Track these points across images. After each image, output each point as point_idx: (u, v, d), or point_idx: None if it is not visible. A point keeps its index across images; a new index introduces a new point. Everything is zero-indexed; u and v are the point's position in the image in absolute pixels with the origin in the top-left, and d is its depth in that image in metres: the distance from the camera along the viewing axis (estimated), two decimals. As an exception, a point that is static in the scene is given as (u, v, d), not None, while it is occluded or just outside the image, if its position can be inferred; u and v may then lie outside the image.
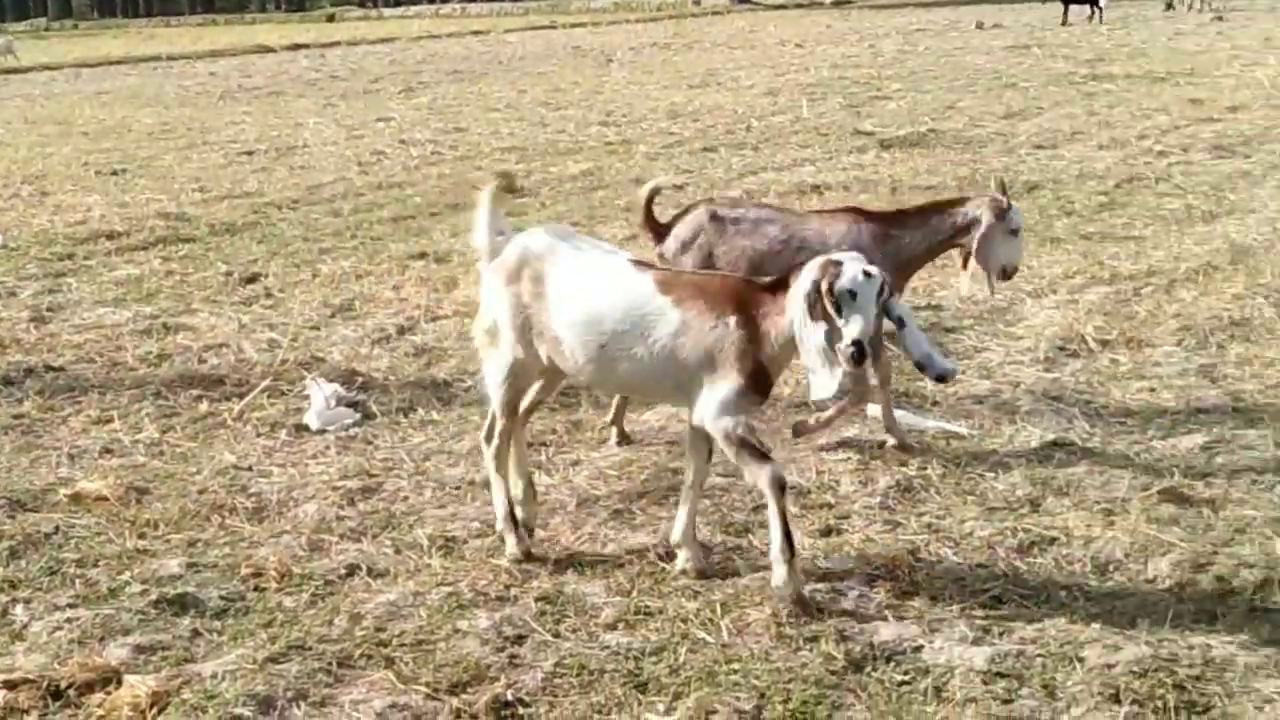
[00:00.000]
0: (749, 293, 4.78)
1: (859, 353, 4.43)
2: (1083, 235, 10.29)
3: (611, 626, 4.75)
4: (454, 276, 9.71)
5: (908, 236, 6.25)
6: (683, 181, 13.41)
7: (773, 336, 4.67)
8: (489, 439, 5.36)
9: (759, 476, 4.71)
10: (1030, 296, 8.74)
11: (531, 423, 6.75)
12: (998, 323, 8.21)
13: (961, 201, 6.31)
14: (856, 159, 14.39)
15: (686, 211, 6.57)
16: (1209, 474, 5.92)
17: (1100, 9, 34.85)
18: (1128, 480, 5.85)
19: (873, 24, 39.82)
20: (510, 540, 5.29)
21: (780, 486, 4.70)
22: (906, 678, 4.36)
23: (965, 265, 6.37)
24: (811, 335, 4.51)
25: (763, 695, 4.25)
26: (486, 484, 6.04)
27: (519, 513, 5.41)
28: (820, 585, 4.98)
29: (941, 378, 4.63)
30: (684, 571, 5.07)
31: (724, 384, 4.70)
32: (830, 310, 4.48)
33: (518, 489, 5.47)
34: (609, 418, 6.58)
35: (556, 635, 4.69)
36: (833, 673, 4.38)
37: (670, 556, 5.21)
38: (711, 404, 4.72)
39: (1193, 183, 12.38)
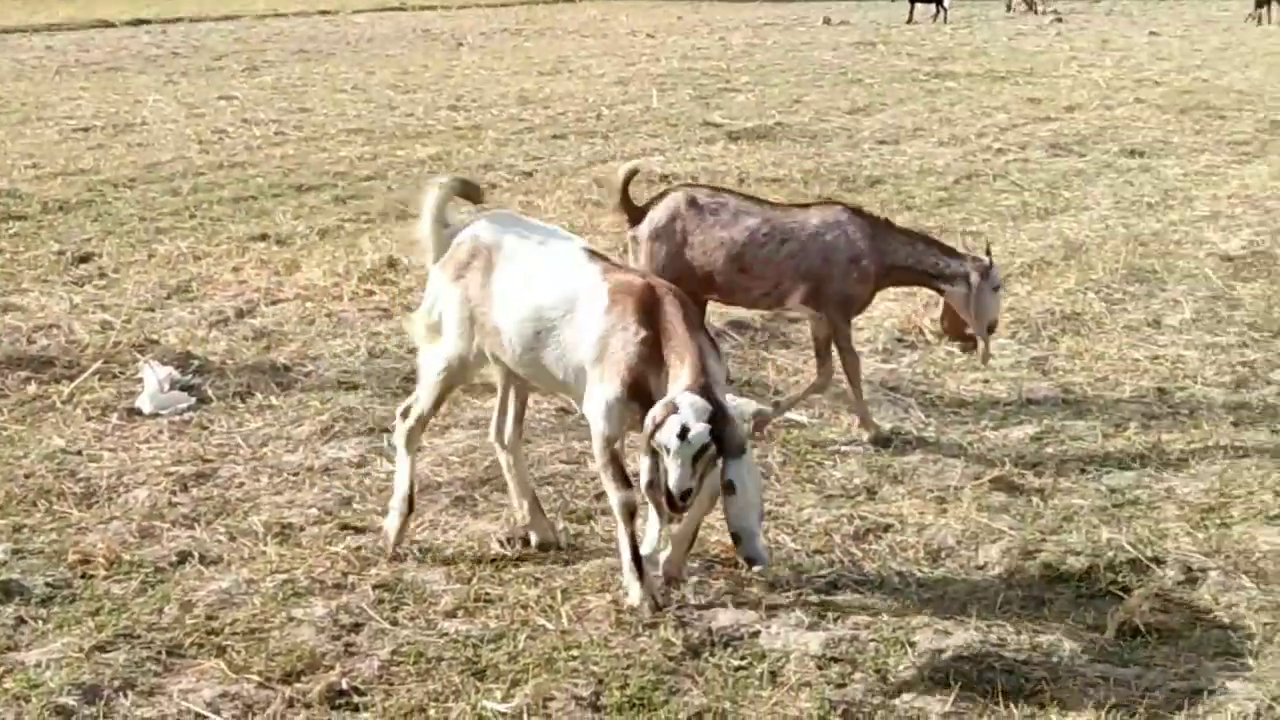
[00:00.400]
0: (673, 315, 4.55)
1: (669, 502, 4.35)
2: (922, 229, 10.46)
3: (451, 614, 4.72)
4: (295, 259, 9.54)
5: (894, 246, 6.33)
6: (531, 169, 13.37)
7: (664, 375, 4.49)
8: (404, 415, 5.19)
9: (612, 498, 4.65)
10: (871, 288, 8.87)
11: (373, 408, 6.71)
12: (839, 314, 8.32)
13: (950, 251, 6.35)
14: (705, 150, 14.47)
15: (664, 195, 6.51)
16: (1039, 463, 6.08)
17: (945, 8, 35.54)
18: (960, 469, 5.99)
19: (723, 17, 40.09)
20: (392, 529, 5.13)
21: (630, 513, 4.62)
22: (743, 663, 4.40)
23: (942, 321, 6.54)
24: (641, 465, 4.50)
25: (601, 681, 4.26)
26: (325, 470, 5.99)
27: (532, 536, 5.23)
28: (659, 574, 4.99)
29: (751, 560, 4.39)
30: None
31: (611, 387, 4.54)
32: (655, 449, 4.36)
33: (522, 509, 5.28)
34: None
35: (394, 623, 4.64)
36: (671, 658, 4.40)
37: (511, 542, 5.20)
38: (598, 405, 4.59)
39: (1029, 180, 12.69)
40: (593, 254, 4.88)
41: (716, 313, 8.20)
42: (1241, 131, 15.40)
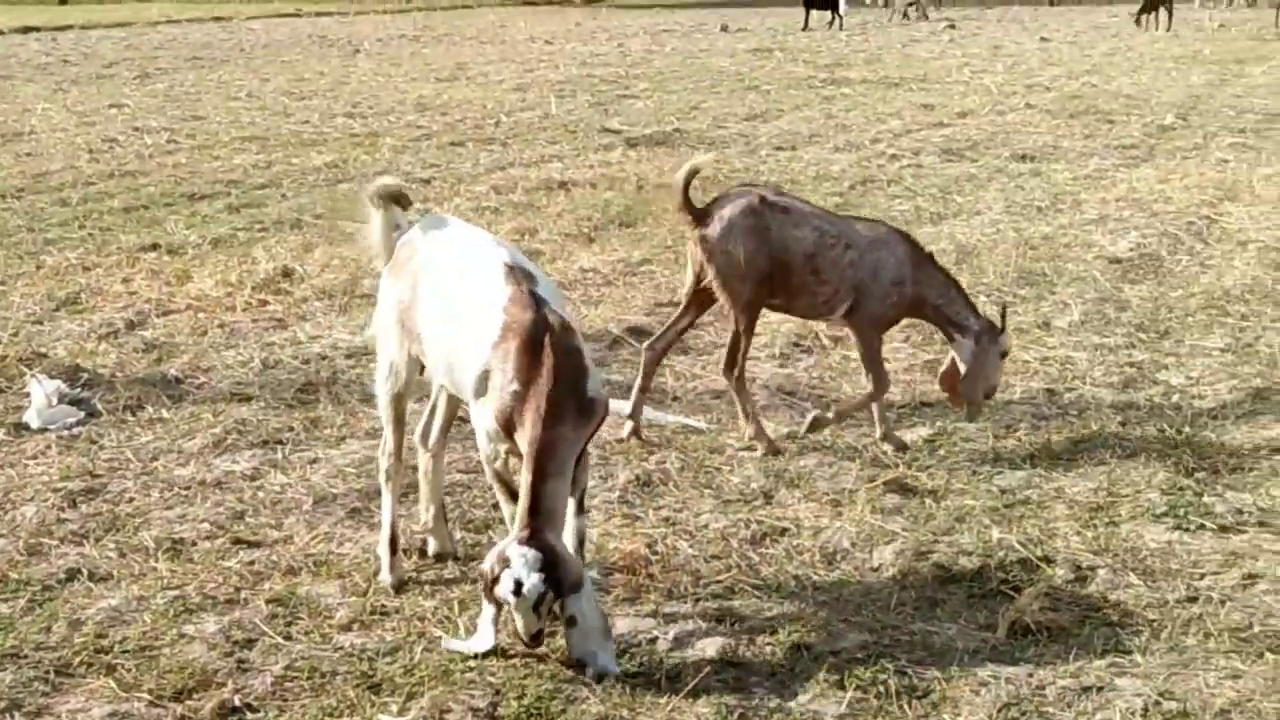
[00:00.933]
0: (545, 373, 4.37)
1: (525, 643, 4.34)
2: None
3: (346, 627, 4.68)
4: (187, 269, 9.40)
5: (932, 280, 6.32)
6: (429, 176, 13.30)
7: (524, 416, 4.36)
8: (383, 450, 5.07)
9: (505, 511, 4.59)
10: (768, 294, 8.93)
11: (267, 420, 6.64)
12: (737, 319, 8.37)
13: (972, 306, 6.37)
14: (603, 156, 14.49)
15: (727, 196, 6.38)
16: (931, 465, 6.16)
17: (840, 15, 35.91)
18: (855, 472, 6.05)
19: (621, 23, 40.20)
20: (384, 565, 5.00)
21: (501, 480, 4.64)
22: (641, 670, 4.40)
23: (943, 377, 6.51)
24: (484, 613, 4.42)
25: (498, 692, 4.24)
26: (218, 483, 5.92)
27: (430, 543, 5.20)
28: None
29: (601, 676, 4.31)
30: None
31: (488, 419, 4.43)
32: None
33: (427, 515, 5.22)
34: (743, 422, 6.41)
35: (288, 638, 4.59)
36: (569, 667, 4.39)
37: (407, 552, 5.17)
38: (480, 428, 4.52)
39: (922, 185, 12.86)
40: (510, 270, 4.59)
41: (615, 319, 8.24)
42: (1129, 135, 15.72)
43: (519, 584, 4.19)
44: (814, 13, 36.23)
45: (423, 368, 4.89)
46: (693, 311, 6.51)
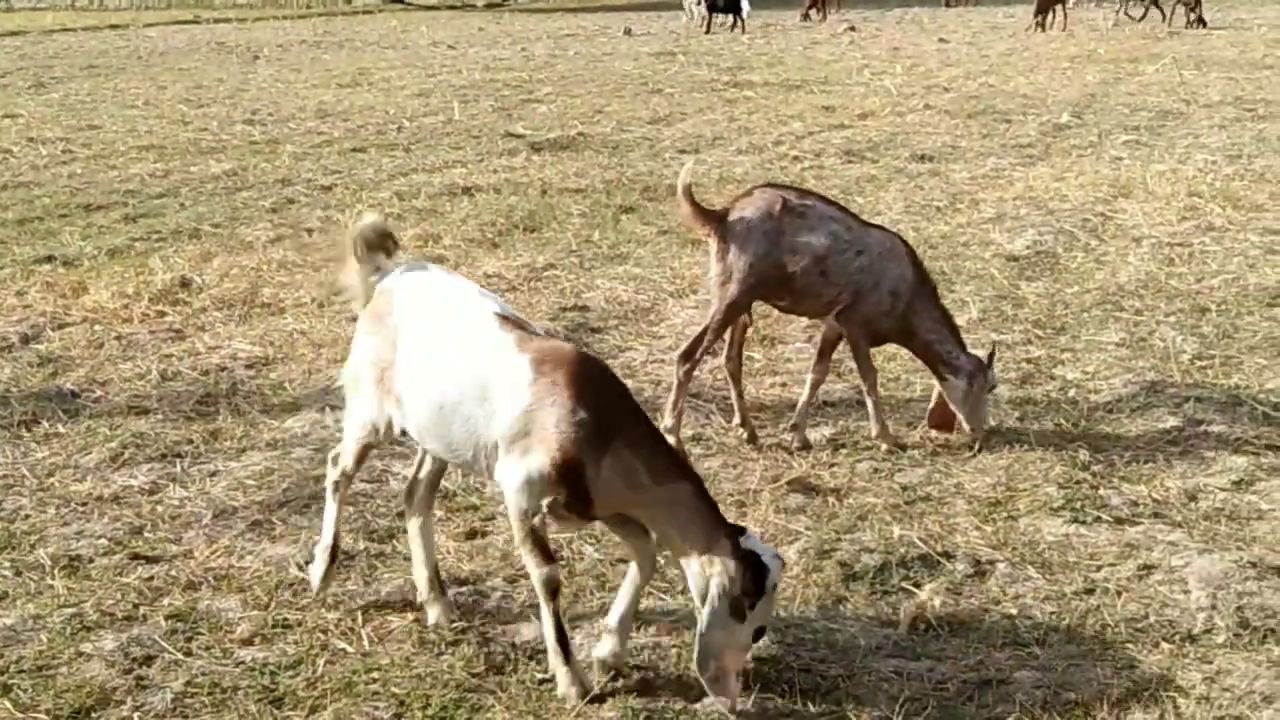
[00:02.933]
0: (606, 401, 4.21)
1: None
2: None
3: (247, 642, 4.63)
4: (83, 280, 9.24)
5: (928, 310, 6.39)
6: (330, 183, 13.19)
7: (608, 465, 4.11)
8: (334, 462, 4.85)
9: (535, 574, 4.24)
10: (672, 297, 8.98)
11: (165, 433, 6.54)
12: (641, 323, 8.40)
13: (962, 345, 6.43)
14: (507, 161, 14.45)
15: (748, 195, 6.37)
16: (835, 464, 6.22)
17: (742, 18, 36.12)
18: (759, 472, 6.08)
19: (524, 27, 40.10)
20: (315, 576, 4.85)
21: (554, 590, 4.23)
22: (547, 676, 4.39)
23: (932, 413, 6.56)
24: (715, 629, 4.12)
25: (402, 703, 4.22)
26: (116, 498, 5.82)
27: (429, 614, 4.76)
28: (463, 589, 4.98)
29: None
30: (597, 659, 4.42)
31: (537, 462, 4.10)
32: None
33: (421, 582, 4.83)
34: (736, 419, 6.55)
35: (188, 654, 4.53)
36: (474, 675, 4.39)
37: (303, 565, 5.12)
38: (517, 479, 4.15)
39: (824, 186, 12.92)
40: (504, 319, 4.38)
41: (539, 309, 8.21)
42: (1026, 135, 15.95)
43: (781, 558, 4.24)
44: (716, 16, 36.41)
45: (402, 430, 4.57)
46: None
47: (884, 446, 6.38)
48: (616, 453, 4.10)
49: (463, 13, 51.65)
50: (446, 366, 4.32)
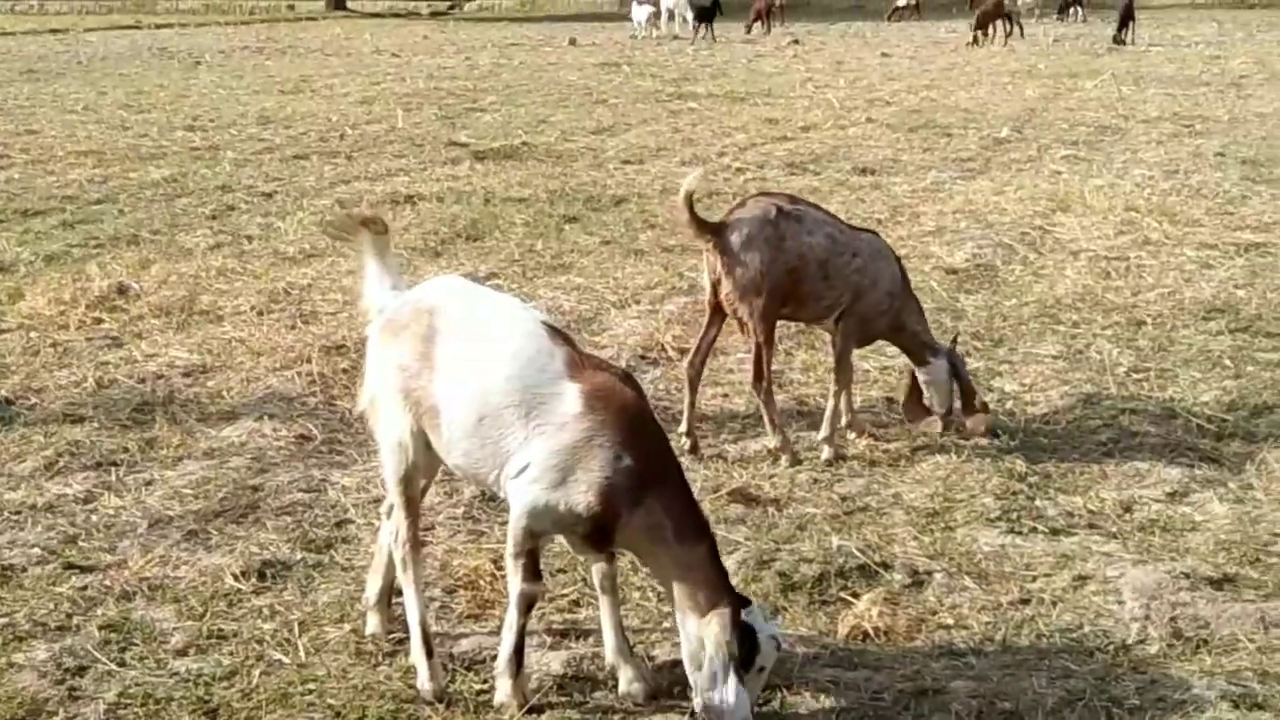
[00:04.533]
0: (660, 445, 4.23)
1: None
2: (664, 248, 10.63)
3: (182, 652, 4.59)
4: (18, 287, 9.12)
5: (913, 306, 6.59)
6: (271, 190, 13.10)
7: (641, 516, 4.08)
8: (397, 540, 4.47)
9: (515, 588, 4.20)
10: (614, 307, 8.98)
11: (100, 441, 6.47)
12: (583, 332, 8.39)
13: (930, 339, 6.62)
14: (450, 170, 14.41)
15: (743, 205, 6.43)
16: (774, 475, 6.24)
17: (711, 27, 36.35)
18: (700, 482, 6.08)
19: (469, 36, 40.06)
20: (422, 673, 4.35)
21: (529, 606, 4.23)
22: (485, 686, 4.39)
23: (905, 404, 6.75)
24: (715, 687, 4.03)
25: (338, 714, 4.20)
26: (50, 507, 5.75)
27: (369, 624, 4.69)
28: (400, 600, 4.95)
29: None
30: (630, 694, 4.34)
31: (572, 497, 4.05)
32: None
33: (373, 588, 4.72)
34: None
35: (121, 664, 4.49)
36: (411, 686, 4.36)
37: (239, 575, 5.08)
38: (541, 501, 4.08)
39: (767, 198, 12.98)
40: (555, 332, 4.30)
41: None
42: (967, 149, 16.08)
43: (778, 641, 4.17)
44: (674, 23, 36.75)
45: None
46: (717, 322, 6.57)
47: (826, 452, 6.41)
48: (649, 507, 4.08)
49: (407, 21, 51.51)
50: (492, 380, 4.16)
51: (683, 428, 6.55)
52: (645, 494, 4.07)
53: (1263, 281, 9.55)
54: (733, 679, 3.97)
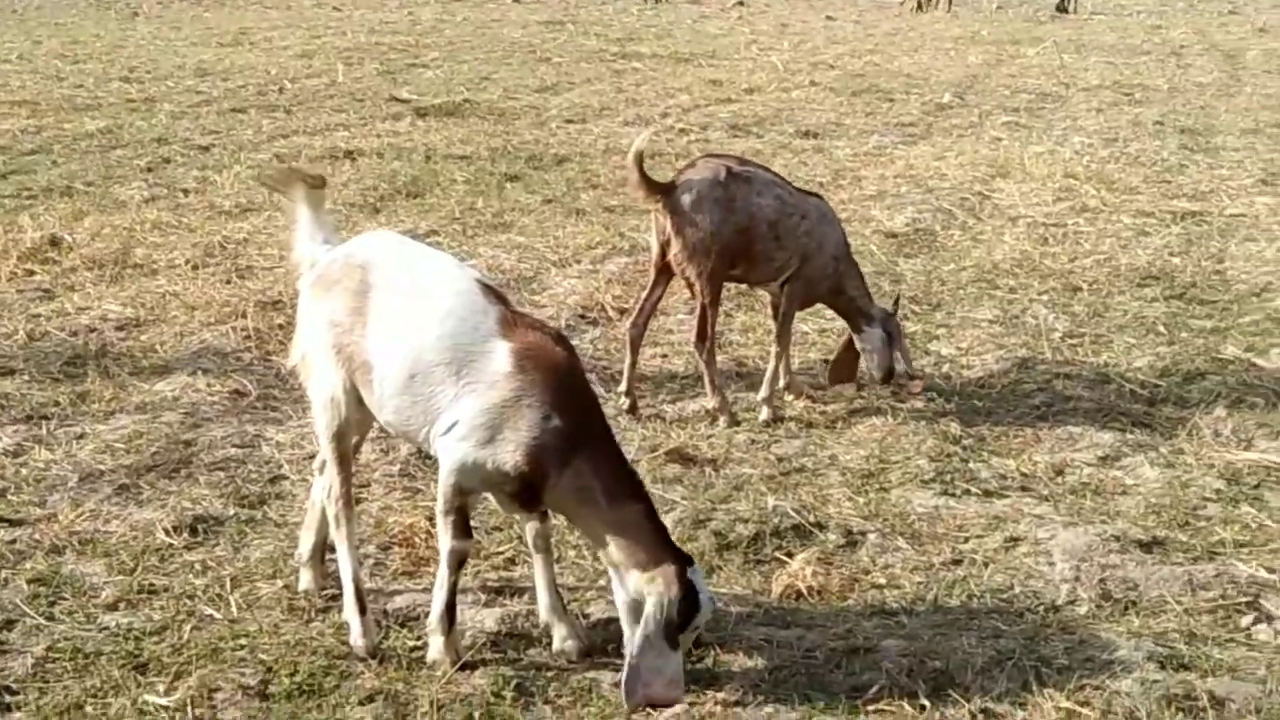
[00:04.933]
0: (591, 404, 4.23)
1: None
2: (606, 208, 10.61)
3: (112, 607, 4.55)
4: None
5: (850, 267, 6.63)
6: (208, 143, 12.94)
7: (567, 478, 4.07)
8: (330, 497, 4.44)
9: (445, 544, 4.17)
10: (555, 266, 8.95)
11: (31, 394, 6.39)
12: (523, 291, 8.35)
13: (870, 297, 6.69)
14: (391, 126, 14.28)
15: (693, 166, 6.41)
16: (712, 435, 6.25)
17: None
18: (638, 442, 6.10)
19: (413, -9, 39.62)
20: (355, 630, 4.33)
21: (460, 563, 4.21)
22: (418, 643, 4.38)
23: (834, 366, 6.81)
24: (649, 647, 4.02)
25: (270, 669, 4.17)
26: (-21, 462, 5.67)
27: (302, 579, 4.67)
28: (333, 556, 4.92)
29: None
30: (564, 652, 4.34)
31: (499, 456, 4.04)
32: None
33: (306, 544, 4.68)
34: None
35: (50, 618, 4.45)
36: (344, 642, 4.34)
37: (171, 530, 5.04)
38: (469, 458, 4.07)
39: (710, 160, 12.96)
40: (489, 290, 4.26)
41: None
42: (909, 114, 16.11)
43: (714, 604, 4.17)
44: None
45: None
46: (663, 283, 6.54)
47: (765, 413, 6.42)
48: (578, 468, 4.07)
49: (350, -25, 50.85)
50: (424, 336, 4.13)
51: (622, 387, 6.55)
52: (574, 455, 4.07)
53: (1198, 249, 9.65)
54: (665, 644, 3.98)
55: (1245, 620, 4.69)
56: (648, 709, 4.01)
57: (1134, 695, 4.13)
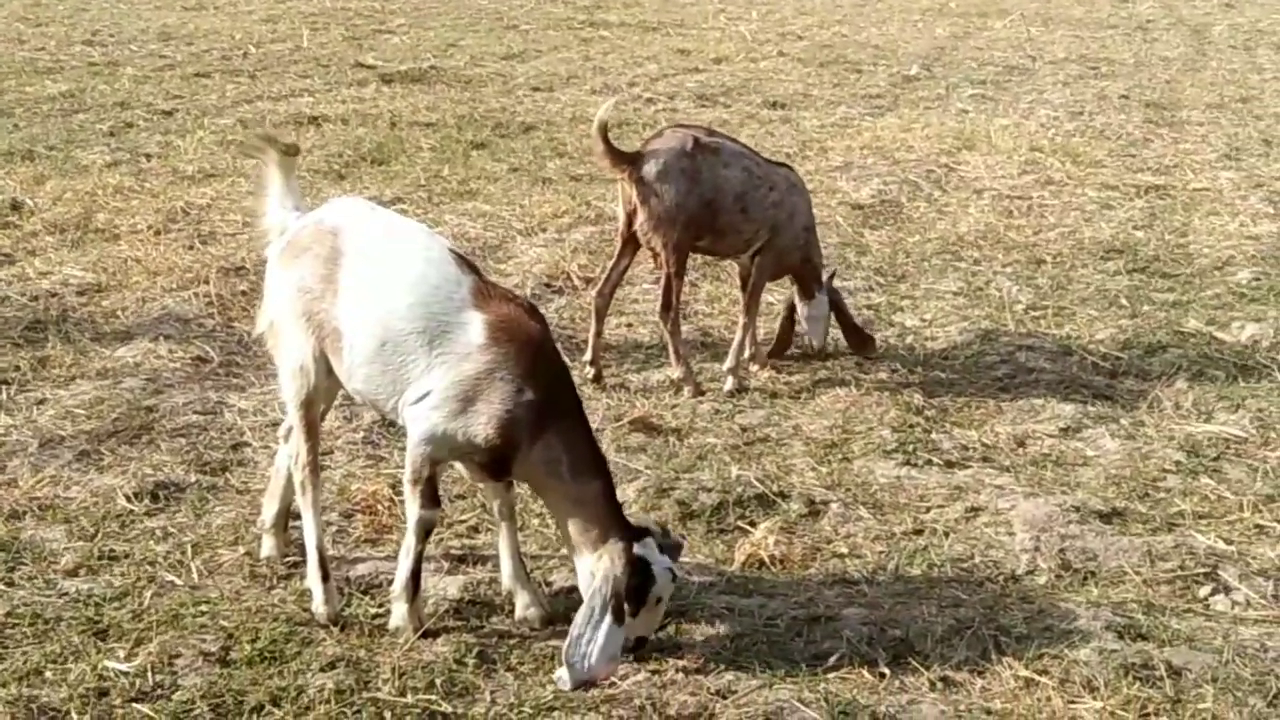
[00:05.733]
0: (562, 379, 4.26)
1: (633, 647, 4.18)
2: (572, 177, 10.57)
3: (72, 573, 4.54)
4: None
5: (815, 238, 6.72)
6: (171, 108, 12.82)
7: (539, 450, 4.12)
8: (296, 464, 4.42)
9: (413, 512, 4.19)
10: (521, 235, 8.92)
11: (-10, 359, 6.33)
12: (489, 259, 8.33)
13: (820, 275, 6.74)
14: (356, 92, 14.17)
15: (660, 136, 6.40)
16: (677, 405, 6.26)
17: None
18: (602, 411, 6.10)
19: (379, -43, 39.32)
20: (317, 597, 4.33)
21: (427, 531, 4.24)
22: (381, 610, 4.38)
23: (781, 333, 6.90)
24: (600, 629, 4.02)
25: (231, 636, 4.17)
26: None
27: (264, 546, 4.67)
28: (297, 523, 4.91)
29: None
30: (526, 620, 4.37)
31: (472, 427, 4.07)
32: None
33: (270, 512, 4.68)
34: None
35: (10, 584, 4.44)
36: (306, 609, 4.34)
37: (132, 496, 5.01)
38: (440, 428, 4.09)
39: (677, 129, 12.93)
40: (461, 260, 4.27)
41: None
42: (876, 85, 16.09)
43: (674, 572, 4.18)
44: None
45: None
46: (629, 252, 6.53)
47: (730, 383, 6.43)
48: (548, 441, 4.11)
49: (316, -61, 50.44)
50: (395, 305, 4.12)
51: (587, 356, 6.54)
52: (545, 428, 4.10)
53: (1161, 223, 9.70)
54: (607, 620, 3.98)
55: (1203, 591, 4.74)
56: (588, 684, 4.00)
57: (1092, 664, 4.18)
